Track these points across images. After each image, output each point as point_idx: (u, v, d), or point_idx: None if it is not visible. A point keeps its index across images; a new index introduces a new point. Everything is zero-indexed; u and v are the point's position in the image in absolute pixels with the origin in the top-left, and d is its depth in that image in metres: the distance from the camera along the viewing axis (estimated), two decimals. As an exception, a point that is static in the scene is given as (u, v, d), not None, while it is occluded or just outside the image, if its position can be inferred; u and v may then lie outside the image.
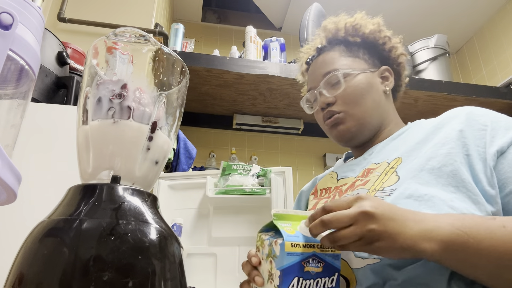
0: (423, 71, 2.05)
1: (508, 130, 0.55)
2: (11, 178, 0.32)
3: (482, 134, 0.56)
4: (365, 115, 0.73)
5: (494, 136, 0.55)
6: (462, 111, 0.61)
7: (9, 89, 0.37)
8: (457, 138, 0.56)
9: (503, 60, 2.23)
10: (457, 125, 0.58)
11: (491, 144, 0.54)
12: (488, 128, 0.56)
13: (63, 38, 1.30)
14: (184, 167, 1.64)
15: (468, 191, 0.51)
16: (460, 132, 0.57)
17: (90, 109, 0.45)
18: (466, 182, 0.52)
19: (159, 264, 0.38)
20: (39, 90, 1.06)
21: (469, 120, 0.58)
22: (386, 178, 0.61)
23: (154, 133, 0.45)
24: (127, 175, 0.43)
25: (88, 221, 0.38)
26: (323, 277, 0.43)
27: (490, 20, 2.36)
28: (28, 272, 0.36)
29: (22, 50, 0.33)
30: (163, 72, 0.50)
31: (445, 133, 0.59)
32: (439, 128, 0.62)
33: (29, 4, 0.35)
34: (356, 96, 0.73)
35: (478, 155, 0.54)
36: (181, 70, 0.52)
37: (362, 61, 0.78)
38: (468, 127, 0.57)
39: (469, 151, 0.54)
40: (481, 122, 0.57)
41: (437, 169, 0.54)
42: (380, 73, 0.79)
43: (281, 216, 0.48)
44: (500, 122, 0.57)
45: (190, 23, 2.43)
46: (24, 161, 0.88)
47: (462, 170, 0.53)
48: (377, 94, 0.76)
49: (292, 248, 0.43)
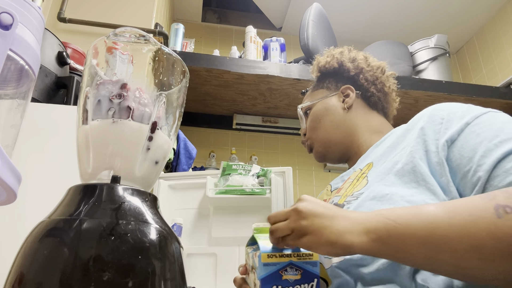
0: (423, 71, 2.05)
1: (462, 118, 0.55)
2: (11, 178, 0.32)
3: (439, 128, 0.56)
4: (326, 135, 0.84)
5: (447, 128, 0.55)
6: (427, 109, 0.62)
7: (9, 89, 0.37)
8: (418, 136, 0.58)
9: (503, 60, 2.23)
10: (421, 124, 0.59)
11: (444, 135, 0.55)
12: (444, 120, 0.56)
13: (63, 38, 1.30)
14: (184, 167, 1.64)
15: (427, 183, 0.52)
16: (421, 130, 0.58)
17: (90, 109, 0.45)
18: (425, 175, 0.53)
19: (159, 264, 0.38)
20: (39, 90, 1.06)
21: (430, 117, 0.59)
22: (357, 184, 0.66)
23: (154, 133, 0.45)
24: (127, 175, 0.43)
25: (88, 221, 0.38)
26: (302, 283, 0.46)
27: (490, 20, 2.36)
28: (28, 272, 0.36)
29: (22, 50, 0.33)
30: (163, 72, 0.50)
31: (411, 135, 0.60)
32: (408, 130, 0.64)
33: (29, 4, 0.35)
34: (314, 124, 0.86)
35: (436, 148, 0.54)
36: (181, 70, 0.52)
37: (324, 90, 0.90)
38: (428, 123, 0.58)
39: (428, 147, 0.55)
40: (440, 116, 0.58)
41: (401, 169, 0.57)
42: (342, 93, 0.87)
43: (261, 229, 0.53)
44: (457, 113, 0.56)
45: (190, 23, 2.43)
46: (24, 161, 0.88)
47: (420, 164, 0.54)
48: (335, 114, 0.84)
49: (268, 258, 0.46)
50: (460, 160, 0.51)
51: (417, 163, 0.55)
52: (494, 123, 0.52)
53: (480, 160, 0.48)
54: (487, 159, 0.48)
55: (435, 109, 0.60)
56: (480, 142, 0.50)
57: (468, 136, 0.52)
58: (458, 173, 0.51)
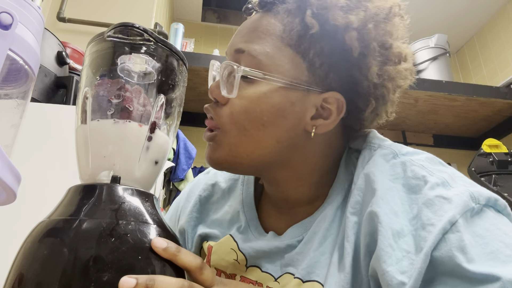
0: (423, 71, 2.05)
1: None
2: (10, 178, 0.32)
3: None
4: (251, 155, 0.49)
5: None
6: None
7: (9, 89, 0.36)
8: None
9: (504, 60, 2.23)
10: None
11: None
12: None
13: (63, 38, 1.30)
14: (184, 167, 1.64)
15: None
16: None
17: (89, 109, 0.45)
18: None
19: (159, 265, 0.38)
20: (39, 90, 1.06)
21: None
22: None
23: (154, 133, 0.45)
24: (127, 175, 0.43)
25: (88, 221, 0.38)
26: None
27: (491, 20, 2.36)
28: (27, 272, 0.36)
29: (22, 50, 0.33)
30: (162, 71, 0.50)
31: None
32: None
33: (29, 4, 0.35)
34: (243, 121, 0.48)
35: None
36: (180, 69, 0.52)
37: (305, 66, 0.48)
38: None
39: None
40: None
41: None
42: (322, 100, 0.49)
43: None
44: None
45: (190, 22, 2.43)
46: (23, 161, 0.88)
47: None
48: (290, 132, 0.49)
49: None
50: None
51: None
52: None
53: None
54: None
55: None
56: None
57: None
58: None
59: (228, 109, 0.49)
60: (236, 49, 0.51)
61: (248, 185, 0.61)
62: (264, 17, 0.51)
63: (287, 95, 0.47)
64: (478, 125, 2.27)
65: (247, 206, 0.59)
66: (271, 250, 0.53)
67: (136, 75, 0.46)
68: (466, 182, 0.44)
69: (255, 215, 0.59)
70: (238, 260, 0.55)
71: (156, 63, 0.46)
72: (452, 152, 2.43)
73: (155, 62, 0.46)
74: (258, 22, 0.50)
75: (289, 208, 0.56)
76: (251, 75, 0.48)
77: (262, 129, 0.48)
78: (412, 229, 0.41)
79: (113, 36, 0.45)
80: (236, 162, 0.50)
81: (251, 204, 0.59)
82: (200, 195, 0.65)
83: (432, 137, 2.43)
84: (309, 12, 0.47)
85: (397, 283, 0.38)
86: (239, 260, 0.55)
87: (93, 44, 0.47)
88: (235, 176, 0.65)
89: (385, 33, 0.48)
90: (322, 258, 0.48)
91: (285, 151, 0.50)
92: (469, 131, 2.36)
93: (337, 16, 0.46)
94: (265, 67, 0.47)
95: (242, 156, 0.49)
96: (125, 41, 0.45)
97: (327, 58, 0.48)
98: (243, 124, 0.48)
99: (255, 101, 0.47)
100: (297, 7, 0.49)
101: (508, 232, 0.39)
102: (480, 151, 1.40)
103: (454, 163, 2.38)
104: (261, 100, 0.47)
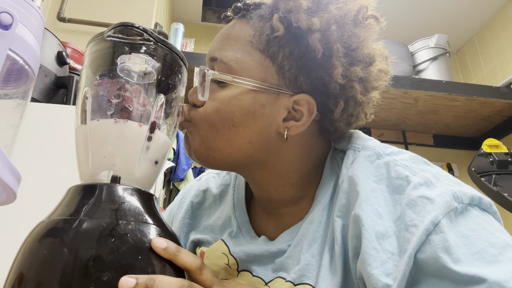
0: (423, 71, 2.05)
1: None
2: (10, 178, 0.32)
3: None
4: (222, 151, 0.50)
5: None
6: None
7: (9, 89, 0.36)
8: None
9: (504, 60, 2.23)
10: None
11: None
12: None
13: (63, 38, 1.30)
14: (184, 167, 1.64)
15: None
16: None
17: (89, 109, 0.45)
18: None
19: (159, 265, 0.38)
20: (39, 90, 1.06)
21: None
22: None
23: (153, 133, 0.45)
24: (127, 175, 0.43)
25: (88, 221, 0.38)
26: None
27: (491, 20, 2.36)
28: (27, 273, 0.36)
29: (22, 50, 0.33)
30: (162, 71, 0.50)
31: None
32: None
33: (29, 4, 0.35)
34: (214, 121, 0.49)
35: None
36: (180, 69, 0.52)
37: (274, 69, 0.49)
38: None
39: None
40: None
41: None
42: (293, 102, 0.49)
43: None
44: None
45: (190, 22, 2.43)
46: (23, 161, 0.88)
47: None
48: (262, 133, 0.50)
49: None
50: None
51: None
52: None
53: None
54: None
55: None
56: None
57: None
58: None
59: (201, 110, 0.51)
60: (210, 57, 0.53)
61: (239, 190, 0.62)
62: (237, 23, 0.53)
63: (257, 97, 0.49)
64: (478, 125, 2.27)
65: (238, 210, 0.60)
66: (262, 254, 0.53)
67: (136, 75, 0.46)
68: (450, 181, 0.44)
69: (247, 219, 0.59)
70: (229, 265, 0.55)
71: (156, 63, 0.46)
72: (452, 152, 2.43)
73: (155, 62, 0.46)
74: (231, 29, 0.53)
75: (274, 209, 0.57)
76: (221, 78, 0.50)
77: (233, 129, 0.49)
78: (396, 230, 0.41)
79: (113, 36, 0.45)
80: (209, 155, 0.51)
81: (243, 208, 0.60)
82: (192, 202, 0.66)
83: (432, 137, 2.43)
84: (276, 16, 0.49)
85: (382, 285, 0.38)
86: (230, 264, 0.55)
87: (93, 44, 0.47)
88: (226, 181, 0.65)
89: (351, 35, 0.49)
90: (312, 260, 0.48)
91: (259, 152, 0.51)
92: (469, 131, 2.36)
93: (300, 19, 0.47)
94: (236, 71, 0.50)
95: (214, 150, 0.50)
96: (125, 41, 0.45)
97: (295, 61, 0.49)
98: (214, 123, 0.49)
99: (226, 103, 0.49)
100: (269, 12, 0.51)
101: (493, 231, 0.39)
102: (480, 151, 1.40)
103: (454, 163, 2.38)
104: (232, 102, 0.49)
